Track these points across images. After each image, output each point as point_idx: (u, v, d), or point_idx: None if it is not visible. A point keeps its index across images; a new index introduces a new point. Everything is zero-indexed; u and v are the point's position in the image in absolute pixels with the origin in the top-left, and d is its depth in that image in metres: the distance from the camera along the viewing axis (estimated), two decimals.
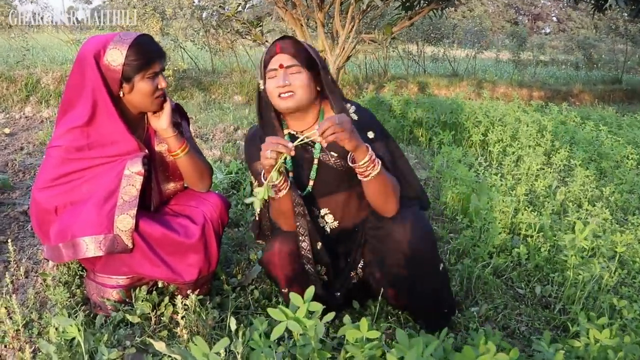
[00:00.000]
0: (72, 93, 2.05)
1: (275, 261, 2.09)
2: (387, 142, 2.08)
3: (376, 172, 1.87)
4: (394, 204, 1.99)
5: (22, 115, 7.30)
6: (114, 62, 1.98)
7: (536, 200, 4.01)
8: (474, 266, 2.82)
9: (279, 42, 2.00)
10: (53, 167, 2.05)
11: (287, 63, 1.95)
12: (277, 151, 1.75)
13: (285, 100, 1.97)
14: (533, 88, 11.53)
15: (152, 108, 2.11)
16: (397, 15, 6.29)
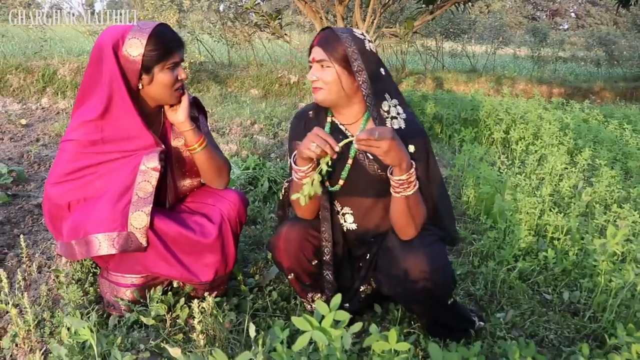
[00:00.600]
0: (87, 85, 1.98)
1: (280, 245, 2.01)
2: (427, 163, 1.93)
3: (408, 193, 1.79)
4: (414, 229, 1.88)
5: (39, 106, 7.30)
6: (133, 52, 1.90)
7: (561, 201, 3.89)
8: (499, 269, 2.72)
9: (320, 33, 1.93)
10: (66, 162, 1.98)
11: (318, 57, 1.88)
12: (322, 148, 1.69)
13: (315, 93, 1.92)
14: (553, 85, 11.33)
15: (170, 100, 2.03)
16: (418, 9, 6.15)
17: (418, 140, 1.91)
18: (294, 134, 2.10)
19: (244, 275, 2.46)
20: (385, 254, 1.97)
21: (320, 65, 1.88)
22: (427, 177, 1.93)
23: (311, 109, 2.09)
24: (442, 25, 11.61)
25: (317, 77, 1.88)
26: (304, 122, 2.08)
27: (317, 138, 1.70)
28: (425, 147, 1.94)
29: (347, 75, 1.88)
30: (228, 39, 10.09)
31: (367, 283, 2.09)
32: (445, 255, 1.94)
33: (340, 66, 1.86)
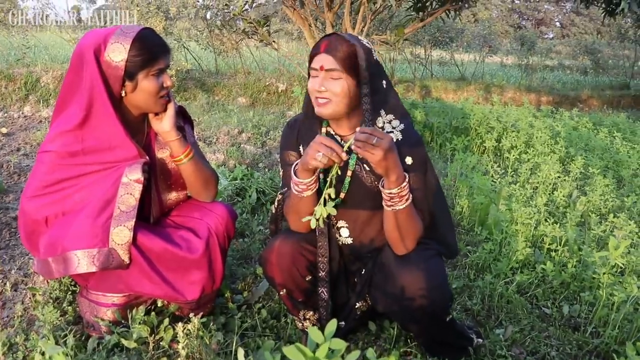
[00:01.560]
0: (67, 92, 1.86)
1: (272, 260, 1.89)
2: (425, 175, 1.85)
3: (399, 207, 1.70)
4: (410, 244, 1.79)
5: (21, 114, 7.13)
6: (116, 58, 1.78)
7: (556, 211, 3.82)
8: (496, 283, 2.64)
9: (326, 39, 1.77)
10: (44, 174, 1.85)
11: (328, 66, 1.73)
12: (329, 157, 1.59)
13: (320, 107, 1.77)
14: (541, 93, 11.34)
15: (155, 109, 1.92)
16: (408, 16, 6.09)
17: (416, 151, 1.83)
18: (286, 144, 1.99)
19: (231, 291, 2.35)
20: (380, 269, 1.87)
21: (330, 75, 1.74)
22: (424, 189, 1.84)
23: (304, 117, 1.97)
24: (430, 34, 11.58)
25: (325, 88, 1.74)
26: (296, 131, 1.97)
27: (323, 147, 1.60)
28: (423, 158, 1.85)
29: (355, 86, 1.77)
30: (215, 46, 9.99)
31: (362, 300, 2.00)
32: (443, 271, 1.85)
33: (350, 77, 1.74)
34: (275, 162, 4.73)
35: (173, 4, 8.96)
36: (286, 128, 2.03)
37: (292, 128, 1.99)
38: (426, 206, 1.84)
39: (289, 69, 10.31)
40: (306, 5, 5.50)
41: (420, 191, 1.82)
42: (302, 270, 1.91)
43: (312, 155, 1.62)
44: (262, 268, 1.96)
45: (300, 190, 1.77)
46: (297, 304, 1.99)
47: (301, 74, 8.56)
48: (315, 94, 1.77)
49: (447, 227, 1.96)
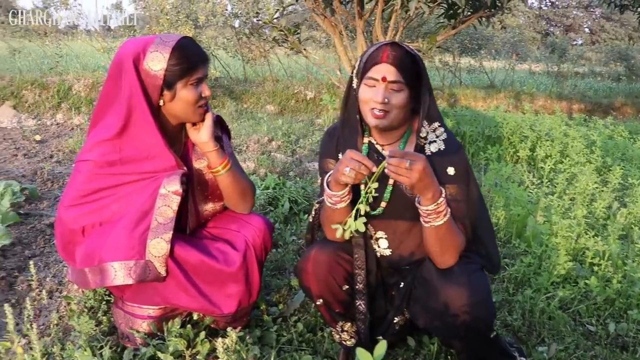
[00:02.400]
0: (105, 101, 1.84)
1: (308, 269, 1.85)
2: (467, 187, 1.79)
3: (438, 223, 1.65)
4: (451, 258, 1.73)
5: (54, 122, 7.24)
6: (155, 67, 1.76)
7: (595, 223, 3.70)
8: (537, 298, 2.55)
9: (387, 47, 1.71)
10: (81, 183, 1.83)
11: (391, 77, 1.68)
12: (357, 171, 1.55)
13: (377, 119, 1.72)
14: (573, 100, 11.11)
15: (193, 118, 1.89)
16: (440, 23, 6.02)
17: (458, 161, 1.78)
18: (325, 152, 1.95)
19: (266, 304, 2.31)
20: (421, 284, 1.81)
21: (391, 87, 1.69)
22: (467, 201, 1.78)
23: (343, 125, 1.91)
24: (459, 41, 11.46)
25: (388, 99, 1.69)
26: (335, 139, 1.93)
27: (352, 162, 1.57)
28: (466, 169, 1.80)
29: (412, 98, 1.73)
30: (243, 54, 10.02)
31: (401, 314, 1.94)
32: (487, 286, 1.78)
33: (410, 89, 1.71)
34: (305, 171, 4.69)
35: (202, 12, 9.01)
36: (325, 136, 2.00)
37: (332, 136, 1.95)
38: (468, 218, 1.79)
39: (317, 76, 10.30)
40: (337, 13, 5.47)
41: (462, 203, 1.76)
42: (339, 280, 1.86)
43: (341, 170, 1.59)
44: (298, 278, 1.92)
45: (333, 202, 1.74)
46: (335, 315, 1.95)
47: (329, 81, 8.52)
48: (372, 104, 1.71)
49: (489, 240, 1.89)
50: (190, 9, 8.95)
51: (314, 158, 5.28)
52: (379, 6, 5.16)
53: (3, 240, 2.68)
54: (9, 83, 7.80)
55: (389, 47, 1.70)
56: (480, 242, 1.85)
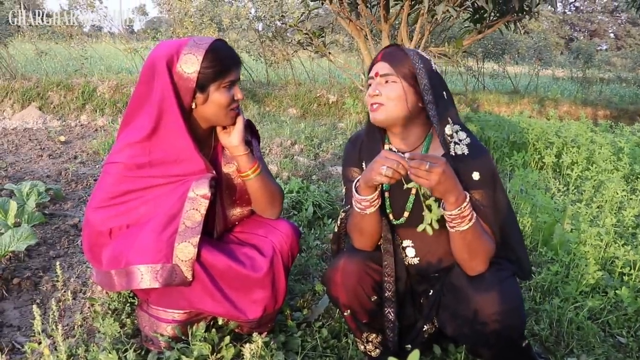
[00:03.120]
0: (136, 104, 1.83)
1: (337, 279, 1.82)
2: (493, 191, 1.75)
3: (463, 228, 1.61)
4: (480, 265, 1.69)
5: (78, 123, 7.33)
6: (188, 69, 1.75)
7: (624, 232, 3.62)
8: (565, 307, 2.49)
9: (384, 49, 1.79)
10: (110, 185, 1.82)
11: (382, 71, 1.73)
12: (395, 170, 1.52)
13: (374, 112, 1.75)
14: (598, 107, 10.95)
15: (225, 122, 1.87)
16: (466, 27, 5.97)
17: (483, 166, 1.74)
18: (349, 160, 1.94)
19: (290, 309, 2.29)
20: (450, 291, 1.78)
21: (385, 80, 1.73)
22: (493, 206, 1.74)
23: (366, 133, 1.91)
24: (483, 46, 11.37)
25: (380, 91, 1.72)
26: (358, 146, 1.92)
27: (389, 160, 1.53)
28: (492, 174, 1.75)
29: (413, 93, 1.73)
30: (266, 57, 10.05)
31: (430, 322, 1.90)
32: (519, 293, 1.73)
33: (407, 82, 1.72)
34: (328, 175, 4.67)
35: (226, 15, 9.06)
36: (348, 144, 1.98)
37: (354, 144, 1.94)
38: (496, 224, 1.74)
39: (340, 80, 10.28)
40: (362, 17, 5.45)
41: (489, 208, 1.72)
42: (368, 290, 1.83)
43: (377, 170, 1.55)
44: (326, 288, 1.89)
45: (362, 207, 1.71)
46: (361, 325, 1.92)
47: (352, 85, 8.50)
48: (369, 100, 1.76)
49: (519, 246, 1.85)
50: (214, 11, 9.02)
51: (336, 162, 5.26)
52: (405, 10, 5.13)
53: (29, 240, 2.69)
54: (35, 84, 7.91)
55: (386, 49, 1.78)
56: (509, 247, 1.81)
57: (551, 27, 43.64)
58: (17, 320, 2.26)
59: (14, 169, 4.69)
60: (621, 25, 49.70)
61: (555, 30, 44.84)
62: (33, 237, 2.72)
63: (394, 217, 1.84)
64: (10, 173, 4.49)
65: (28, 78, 8.19)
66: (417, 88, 1.72)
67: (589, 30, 50.77)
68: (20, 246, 2.65)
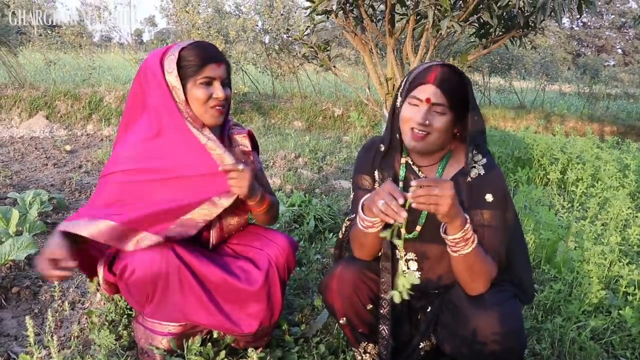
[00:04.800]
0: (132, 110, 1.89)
1: (332, 286, 1.81)
2: (504, 214, 1.72)
3: (466, 251, 1.58)
4: (482, 286, 1.67)
5: (84, 132, 7.37)
6: (169, 68, 1.80)
7: (630, 250, 3.59)
8: (567, 326, 2.46)
9: (437, 68, 1.69)
10: (106, 196, 1.83)
11: (435, 99, 1.65)
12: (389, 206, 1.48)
13: (416, 140, 1.69)
14: (605, 123, 10.91)
15: (207, 120, 1.87)
16: (471, 43, 5.97)
17: (497, 188, 1.72)
18: (361, 167, 1.91)
19: (288, 324, 2.27)
20: (449, 309, 1.76)
21: (434, 109, 1.66)
22: (502, 228, 1.72)
23: (382, 142, 1.88)
24: (489, 61, 11.37)
25: (429, 122, 1.66)
26: (372, 154, 1.89)
27: (385, 195, 1.50)
28: (504, 196, 1.74)
29: (455, 121, 1.70)
30: (273, 70, 10.08)
31: (427, 339, 1.88)
32: (520, 316, 1.71)
33: (454, 113, 1.68)
34: (331, 188, 4.66)
35: (232, 28, 9.11)
36: (362, 151, 1.95)
37: (369, 151, 1.91)
38: (502, 246, 1.72)
39: (345, 93, 10.30)
40: (367, 31, 5.46)
41: (497, 230, 1.70)
42: (364, 299, 1.82)
43: (375, 201, 1.53)
44: (322, 295, 1.88)
45: (365, 226, 1.69)
46: (358, 335, 1.90)
47: (358, 99, 8.51)
48: (413, 124, 1.68)
49: (524, 269, 1.84)
50: (221, 24, 9.06)
51: (340, 175, 5.26)
52: (410, 25, 5.14)
53: (29, 250, 2.70)
54: (43, 94, 7.97)
55: (439, 68, 1.67)
56: (513, 271, 1.80)
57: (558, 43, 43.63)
58: (15, 329, 2.26)
59: (18, 177, 4.71)
60: (629, 41, 49.66)
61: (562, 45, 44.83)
62: (34, 246, 2.73)
63: (406, 230, 1.82)
64: (15, 181, 4.51)
65: (36, 87, 8.25)
66: (458, 114, 1.69)
67: (596, 46, 50.74)
68: (20, 255, 2.65)
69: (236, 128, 2.08)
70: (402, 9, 5.48)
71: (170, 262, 1.74)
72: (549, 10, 4.58)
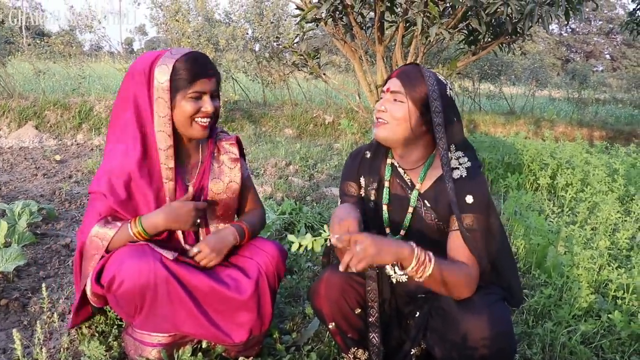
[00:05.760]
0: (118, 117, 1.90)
1: (320, 291, 1.82)
2: (486, 217, 1.74)
3: (428, 272, 1.57)
4: (464, 292, 1.66)
5: (74, 142, 7.33)
6: (161, 78, 1.79)
7: (618, 254, 3.61)
8: (557, 331, 2.47)
9: (403, 66, 1.79)
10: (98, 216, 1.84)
11: (393, 88, 1.74)
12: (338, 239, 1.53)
13: (377, 128, 1.76)
14: (594, 127, 10.98)
15: (189, 133, 1.88)
16: (460, 49, 6.01)
17: (477, 190, 1.73)
18: (347, 174, 1.94)
19: (279, 332, 2.26)
20: (439, 314, 1.76)
21: (394, 97, 1.73)
22: (485, 231, 1.73)
23: (368, 148, 1.93)
24: (479, 67, 11.43)
25: (385, 108, 1.73)
26: (358, 162, 1.93)
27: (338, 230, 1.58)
28: (485, 199, 1.75)
29: (418, 116, 1.72)
30: (263, 78, 10.09)
31: (417, 345, 1.88)
32: (509, 318, 1.71)
33: (414, 105, 1.71)
34: (322, 196, 4.66)
35: (222, 36, 9.11)
36: (349, 159, 1.99)
37: (355, 159, 1.95)
38: (487, 249, 1.73)
39: (336, 100, 10.32)
40: (357, 38, 5.48)
41: (479, 232, 1.71)
42: (351, 303, 1.83)
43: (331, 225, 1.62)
44: (310, 300, 1.89)
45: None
46: (347, 340, 1.90)
47: (349, 106, 8.54)
48: (375, 114, 1.77)
49: (511, 273, 1.85)
50: (211, 32, 9.05)
51: (331, 183, 5.26)
52: (399, 32, 5.17)
53: (18, 261, 2.67)
54: (32, 103, 7.93)
55: (404, 66, 1.78)
56: (500, 275, 1.80)
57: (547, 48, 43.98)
58: (3, 342, 2.23)
59: (7, 188, 4.68)
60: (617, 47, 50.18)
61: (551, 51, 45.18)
62: (22, 258, 2.70)
63: (391, 231, 1.83)
64: (3, 192, 4.48)
65: (25, 97, 8.22)
66: (424, 111, 1.72)
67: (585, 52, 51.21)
68: (8, 267, 2.63)
69: (224, 135, 2.09)
70: (392, 16, 5.52)
71: (159, 273, 1.73)
72: (536, 17, 4.63)
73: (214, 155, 2.03)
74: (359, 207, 1.81)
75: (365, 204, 1.88)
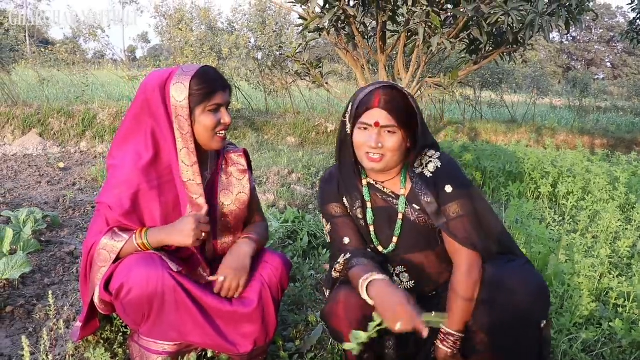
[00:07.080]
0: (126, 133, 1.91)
1: (339, 313, 1.78)
2: (468, 197, 1.78)
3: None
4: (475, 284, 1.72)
5: (78, 149, 7.37)
6: (179, 97, 1.82)
7: (620, 263, 3.62)
8: (559, 339, 2.48)
9: (379, 91, 1.74)
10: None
11: (384, 122, 1.71)
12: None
13: (373, 162, 1.75)
14: (595, 135, 11.02)
15: (211, 145, 1.92)
16: (462, 58, 6.05)
17: (454, 177, 1.80)
18: (328, 198, 1.95)
19: (283, 339, 2.28)
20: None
21: (386, 130, 1.72)
22: (474, 212, 1.77)
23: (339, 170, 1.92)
24: (481, 75, 11.48)
25: (382, 144, 1.72)
26: (335, 183, 1.93)
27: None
28: (464, 182, 1.81)
29: (406, 137, 1.76)
30: (265, 86, 10.14)
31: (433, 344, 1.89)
32: (532, 268, 1.79)
33: (404, 130, 1.74)
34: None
35: (225, 45, 9.17)
36: (323, 184, 2.00)
37: (330, 182, 1.96)
38: (477, 232, 1.75)
39: (338, 109, 10.36)
40: (359, 47, 5.52)
41: (467, 216, 1.75)
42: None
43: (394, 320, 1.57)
44: (327, 322, 1.85)
45: None
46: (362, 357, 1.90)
47: None
48: (367, 149, 1.74)
49: (509, 241, 1.89)
50: (215, 41, 9.12)
51: None
52: (401, 41, 5.21)
53: (23, 269, 2.70)
54: (36, 111, 7.97)
55: (381, 91, 1.73)
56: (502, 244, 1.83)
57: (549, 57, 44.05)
58: (9, 349, 2.25)
59: (12, 195, 4.71)
60: (617, 55, 50.28)
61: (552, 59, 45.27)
62: (28, 265, 2.73)
63: (382, 246, 1.85)
64: (8, 199, 4.51)
65: (29, 105, 8.26)
66: (410, 131, 1.75)
67: (586, 60, 51.31)
68: (14, 274, 2.65)
69: (232, 147, 2.12)
70: (393, 26, 5.55)
71: (167, 282, 1.76)
72: (537, 27, 4.66)
73: (222, 167, 2.06)
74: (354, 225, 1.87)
75: (357, 222, 1.89)
